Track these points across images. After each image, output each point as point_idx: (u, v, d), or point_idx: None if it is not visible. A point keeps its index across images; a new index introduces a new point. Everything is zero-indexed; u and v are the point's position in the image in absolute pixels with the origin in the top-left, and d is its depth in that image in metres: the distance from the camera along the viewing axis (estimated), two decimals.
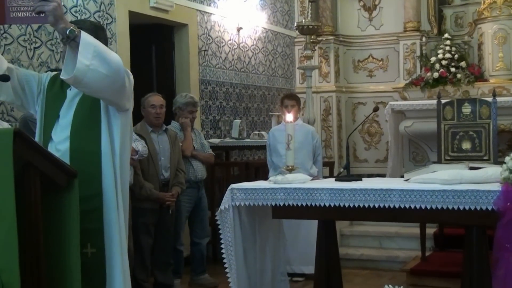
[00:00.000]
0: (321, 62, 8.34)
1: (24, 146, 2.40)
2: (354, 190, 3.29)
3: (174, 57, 6.65)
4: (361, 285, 5.43)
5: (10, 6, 2.48)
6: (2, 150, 2.33)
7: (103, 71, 2.55)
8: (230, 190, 3.57)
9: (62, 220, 2.56)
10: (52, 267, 2.52)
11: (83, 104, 2.88)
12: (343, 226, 6.68)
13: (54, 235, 2.55)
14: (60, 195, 2.58)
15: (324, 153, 8.11)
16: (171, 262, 5.21)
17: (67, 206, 2.56)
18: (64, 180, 2.56)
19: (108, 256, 2.82)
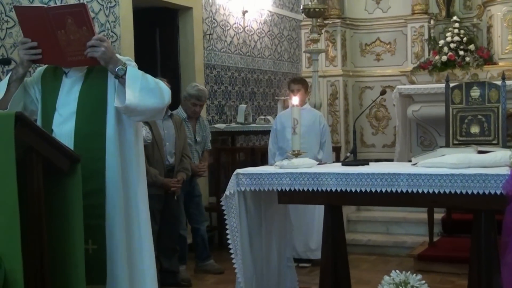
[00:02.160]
0: (327, 46, 8.26)
1: (26, 130, 2.39)
2: (360, 175, 3.26)
3: (178, 41, 6.62)
4: (368, 271, 5.41)
5: (67, 51, 2.75)
6: (3, 134, 2.32)
7: (150, 103, 2.82)
8: (235, 175, 3.55)
9: (65, 205, 2.55)
10: (55, 253, 2.52)
11: (87, 96, 2.86)
12: (350, 211, 6.66)
13: (57, 221, 2.55)
14: (62, 180, 2.57)
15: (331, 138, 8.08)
16: (177, 248, 5.22)
17: (70, 192, 2.56)
18: (66, 164, 2.55)
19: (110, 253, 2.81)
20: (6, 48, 4.48)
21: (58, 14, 2.66)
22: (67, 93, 2.90)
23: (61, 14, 2.66)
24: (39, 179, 2.42)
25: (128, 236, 2.92)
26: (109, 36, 5.46)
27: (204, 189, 6.60)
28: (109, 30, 5.46)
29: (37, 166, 2.41)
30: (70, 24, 2.66)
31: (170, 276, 5.14)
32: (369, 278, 5.01)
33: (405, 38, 8.09)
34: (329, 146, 5.91)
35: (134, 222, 2.97)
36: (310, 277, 5.14)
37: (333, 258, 3.71)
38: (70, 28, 2.67)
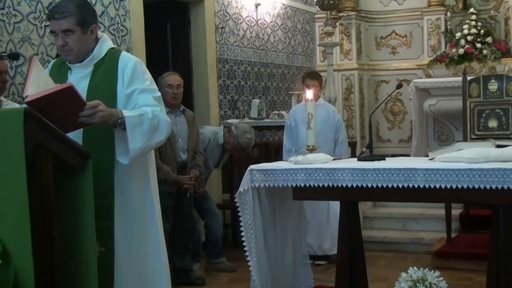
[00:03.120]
0: (342, 39, 8.22)
1: (35, 126, 2.38)
2: (377, 170, 3.23)
3: (190, 35, 6.60)
4: (385, 268, 5.38)
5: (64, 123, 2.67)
6: (12, 131, 2.32)
7: (153, 142, 2.86)
8: (249, 171, 3.53)
9: (77, 202, 2.54)
10: (66, 251, 2.52)
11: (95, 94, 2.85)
12: (366, 208, 6.63)
13: (68, 219, 2.54)
14: (73, 178, 2.56)
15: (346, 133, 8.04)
16: (189, 247, 5.20)
17: (81, 189, 2.55)
18: (77, 161, 2.54)
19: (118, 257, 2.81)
20: (15, 43, 4.49)
21: (51, 96, 2.60)
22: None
23: (53, 95, 2.60)
24: (48, 175, 2.41)
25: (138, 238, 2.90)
26: (119, 30, 5.46)
27: (217, 186, 6.60)
28: (119, 24, 5.46)
29: (47, 163, 2.41)
30: (61, 102, 2.62)
31: (183, 275, 5.11)
32: (386, 275, 4.99)
33: (421, 30, 8.02)
34: (345, 142, 5.87)
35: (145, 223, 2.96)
36: (326, 275, 5.11)
37: (349, 255, 3.69)
38: (62, 105, 2.63)
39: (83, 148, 2.58)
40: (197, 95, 6.63)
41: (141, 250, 2.93)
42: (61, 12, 2.83)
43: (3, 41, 4.38)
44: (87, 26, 2.85)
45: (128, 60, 2.91)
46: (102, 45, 2.95)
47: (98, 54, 2.92)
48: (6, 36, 4.42)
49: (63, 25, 2.82)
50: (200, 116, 6.43)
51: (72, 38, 2.83)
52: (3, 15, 4.40)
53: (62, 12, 2.82)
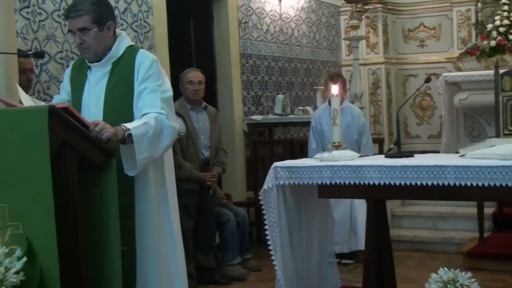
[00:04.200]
0: (368, 32, 8.19)
1: (60, 124, 2.44)
2: (405, 167, 3.22)
3: (213, 30, 6.63)
4: (414, 268, 5.36)
5: None
6: (37, 128, 2.37)
7: (159, 150, 2.87)
8: (273, 169, 3.54)
9: (101, 200, 2.59)
10: (91, 249, 2.56)
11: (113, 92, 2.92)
12: (394, 206, 6.61)
13: (93, 217, 2.59)
14: (97, 175, 2.61)
15: (373, 129, 8.01)
16: (213, 244, 5.23)
17: (105, 187, 2.60)
18: (101, 159, 2.58)
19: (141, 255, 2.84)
20: (39, 41, 4.57)
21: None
22: (93, 89, 2.97)
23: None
24: (73, 173, 2.46)
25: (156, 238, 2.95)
26: (142, 27, 5.51)
27: (241, 183, 6.63)
28: (142, 20, 5.51)
29: (72, 161, 2.46)
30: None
31: (207, 274, 5.15)
32: (415, 275, 4.97)
33: (451, 22, 7.96)
34: (369, 145, 5.86)
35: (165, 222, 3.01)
36: (353, 275, 5.11)
37: (377, 255, 3.68)
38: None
39: (107, 146, 2.63)
40: (221, 91, 6.66)
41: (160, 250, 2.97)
42: (76, 10, 2.88)
43: (28, 39, 4.46)
44: (103, 23, 2.91)
45: (145, 58, 2.95)
46: (120, 43, 2.99)
47: (116, 52, 2.97)
48: (31, 34, 4.50)
49: (79, 23, 2.88)
50: (224, 112, 6.46)
51: (89, 36, 2.89)
52: (28, 13, 4.49)
53: (77, 10, 2.88)
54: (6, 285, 2.27)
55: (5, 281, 2.26)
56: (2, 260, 2.29)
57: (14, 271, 2.29)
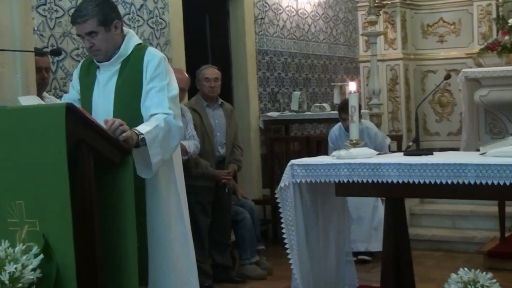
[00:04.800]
0: (386, 28, 8.16)
1: (77, 122, 2.46)
2: (424, 165, 3.21)
3: (229, 26, 6.65)
4: (434, 268, 5.34)
5: None
6: (54, 126, 2.40)
7: (169, 151, 2.91)
8: (290, 166, 3.55)
9: (117, 198, 2.61)
10: (107, 246, 2.59)
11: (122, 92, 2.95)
12: (413, 204, 6.58)
13: (109, 214, 2.61)
14: (114, 173, 2.63)
15: (391, 126, 7.99)
16: (229, 243, 5.24)
17: (122, 184, 2.62)
18: (118, 156, 2.60)
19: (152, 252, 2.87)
20: (56, 38, 4.61)
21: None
22: (103, 88, 2.99)
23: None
24: (90, 171, 2.48)
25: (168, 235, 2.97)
26: (158, 23, 5.54)
27: (257, 181, 6.65)
28: (158, 17, 5.54)
29: (88, 158, 2.48)
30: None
31: (223, 271, 5.17)
32: (434, 275, 4.95)
33: (471, 17, 7.90)
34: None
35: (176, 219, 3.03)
36: (371, 274, 5.10)
37: (395, 254, 3.67)
38: None
39: (123, 144, 2.65)
40: (237, 87, 6.67)
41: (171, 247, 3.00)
42: (82, 16, 2.90)
43: (45, 36, 4.51)
44: (109, 23, 2.91)
45: (153, 57, 2.96)
46: (129, 41, 3.01)
47: (125, 51, 2.98)
48: (48, 31, 4.54)
49: (86, 28, 2.90)
50: (240, 109, 6.48)
51: (97, 38, 2.91)
52: (44, 10, 4.53)
53: (83, 15, 2.90)
54: (23, 282, 2.30)
55: (22, 278, 2.29)
56: (19, 257, 2.32)
57: (31, 268, 2.32)
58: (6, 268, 2.27)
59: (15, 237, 2.46)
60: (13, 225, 2.49)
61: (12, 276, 2.27)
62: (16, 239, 2.44)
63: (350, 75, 8.22)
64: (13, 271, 2.27)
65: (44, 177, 2.44)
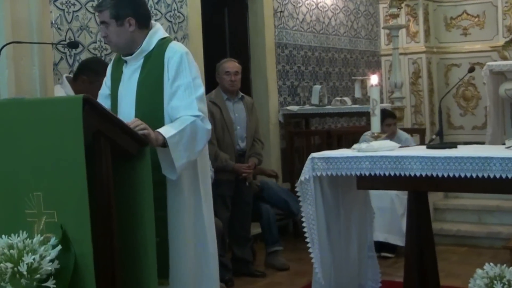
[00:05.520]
0: (408, 21, 8.11)
1: (94, 114, 2.47)
2: (448, 158, 3.16)
3: (247, 20, 6.63)
4: (459, 264, 5.29)
5: None
6: (71, 118, 2.41)
7: (195, 154, 2.94)
8: (310, 159, 3.52)
9: (135, 189, 2.62)
10: (125, 238, 2.59)
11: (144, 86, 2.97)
12: (437, 199, 6.54)
13: (127, 206, 2.62)
14: (131, 165, 2.64)
15: (414, 120, 7.95)
16: (249, 237, 5.26)
17: (139, 175, 2.63)
18: (135, 147, 2.61)
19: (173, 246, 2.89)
20: (73, 31, 4.63)
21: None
22: (127, 82, 3.03)
23: None
24: (107, 162, 2.49)
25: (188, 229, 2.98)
26: (176, 17, 5.54)
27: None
28: (176, 11, 5.54)
29: (106, 150, 2.49)
30: None
31: (243, 265, 5.18)
32: (459, 271, 4.89)
33: (495, 10, 7.83)
34: None
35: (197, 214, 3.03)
36: (394, 269, 5.07)
37: (419, 249, 3.64)
38: None
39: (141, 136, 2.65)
40: (255, 81, 6.66)
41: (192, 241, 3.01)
42: (100, 5, 3.04)
43: (62, 29, 4.53)
44: (121, 18, 2.95)
45: (174, 52, 2.96)
46: (153, 36, 3.02)
47: (147, 46, 3.01)
48: (65, 25, 4.57)
49: (101, 17, 3.01)
50: (259, 103, 6.44)
51: (110, 30, 2.98)
52: (62, 4, 4.56)
53: (100, 5, 3.02)
54: (41, 273, 2.31)
55: (40, 269, 2.30)
56: (37, 249, 2.33)
57: (49, 259, 2.33)
58: (24, 259, 2.28)
59: (33, 228, 2.48)
60: (31, 216, 2.52)
61: (30, 267, 2.28)
62: (34, 230, 2.46)
63: (371, 69, 8.16)
64: (31, 262, 2.28)
65: (62, 168, 2.46)
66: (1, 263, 2.29)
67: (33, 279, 2.31)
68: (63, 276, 2.39)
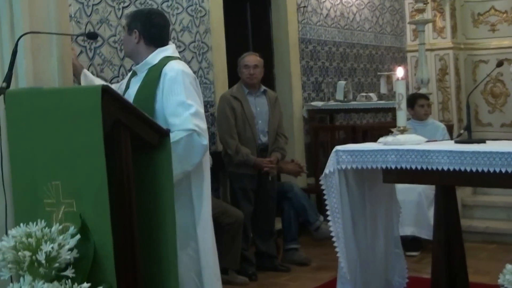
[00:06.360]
0: (435, 16, 7.99)
1: (113, 103, 2.45)
2: (476, 153, 3.08)
3: (270, 15, 6.59)
4: (487, 260, 5.22)
5: None
6: (90, 107, 2.39)
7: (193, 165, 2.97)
8: (335, 152, 3.47)
9: (155, 180, 2.59)
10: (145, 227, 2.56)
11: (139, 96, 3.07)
12: (465, 195, 6.47)
13: (147, 196, 2.59)
14: (152, 155, 2.61)
15: (441, 116, 7.85)
16: (273, 231, 5.24)
17: (159, 166, 2.60)
18: (155, 138, 2.58)
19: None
20: (93, 25, 4.63)
21: None
22: (131, 90, 3.16)
23: None
24: (127, 152, 2.46)
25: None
26: (198, 11, 5.51)
27: None
28: (197, 5, 5.51)
29: (125, 139, 2.46)
30: None
31: (267, 260, 5.17)
32: (488, 268, 4.81)
33: None
34: None
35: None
36: (421, 265, 5.00)
37: (447, 245, 3.57)
38: None
39: (160, 126, 2.62)
40: (279, 77, 6.61)
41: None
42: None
43: (82, 23, 4.53)
44: (130, 29, 3.19)
45: (171, 68, 3.04)
46: (160, 52, 3.16)
47: (152, 60, 3.15)
48: (85, 18, 4.56)
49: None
50: (282, 98, 6.37)
51: (123, 35, 3.30)
52: None
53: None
54: (59, 262, 2.28)
55: (58, 258, 2.27)
56: (56, 237, 2.30)
57: (67, 248, 2.30)
58: (42, 248, 2.26)
59: (51, 218, 2.46)
60: (50, 205, 2.50)
61: (48, 255, 2.26)
62: (52, 220, 2.44)
63: (397, 65, 8.06)
64: (49, 251, 2.26)
65: (81, 157, 2.44)
66: (19, 252, 2.26)
67: (51, 268, 2.29)
68: (82, 266, 2.36)
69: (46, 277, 2.32)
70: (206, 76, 5.58)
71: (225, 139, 5.02)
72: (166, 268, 2.58)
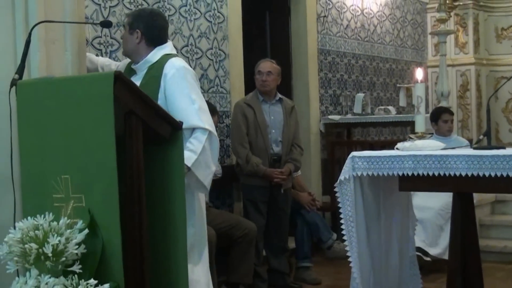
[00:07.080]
0: (457, 31, 7.97)
1: (126, 92, 2.43)
2: (496, 157, 3.04)
3: (290, 24, 6.59)
4: (505, 280, 5.16)
5: None
6: (102, 95, 2.37)
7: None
8: (351, 159, 3.44)
9: (166, 174, 2.58)
10: (155, 224, 2.55)
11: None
12: (482, 215, 6.40)
13: (157, 190, 2.58)
14: (163, 148, 2.60)
15: (461, 135, 7.78)
16: (286, 247, 5.11)
17: (171, 160, 2.59)
18: (168, 131, 2.58)
19: None
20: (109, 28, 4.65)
21: None
22: None
23: None
24: (139, 144, 2.45)
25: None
26: (216, 17, 5.54)
27: (317, 187, 6.52)
28: (216, 11, 5.53)
29: (137, 130, 2.45)
30: None
31: (279, 277, 5.05)
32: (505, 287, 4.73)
33: None
34: None
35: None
36: (437, 284, 4.91)
37: (463, 259, 3.51)
38: None
39: (173, 118, 2.62)
40: (296, 87, 6.60)
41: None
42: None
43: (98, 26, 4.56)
44: (132, 28, 3.25)
45: (171, 67, 3.12)
46: (159, 50, 3.24)
47: (152, 58, 3.22)
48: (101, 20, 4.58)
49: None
50: (299, 110, 6.33)
51: (123, 34, 3.36)
52: None
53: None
54: (66, 257, 2.28)
55: (65, 252, 2.27)
56: (63, 231, 2.30)
57: (75, 243, 2.30)
58: (49, 241, 2.26)
59: (60, 213, 2.44)
60: (58, 200, 2.48)
61: (55, 249, 2.26)
62: (61, 216, 2.42)
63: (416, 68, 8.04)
64: (56, 244, 2.25)
65: (91, 149, 2.42)
66: (26, 244, 2.27)
67: (58, 262, 2.28)
68: (89, 262, 2.35)
69: (53, 272, 2.32)
70: (222, 85, 5.57)
71: (236, 148, 4.91)
72: (175, 266, 2.56)
